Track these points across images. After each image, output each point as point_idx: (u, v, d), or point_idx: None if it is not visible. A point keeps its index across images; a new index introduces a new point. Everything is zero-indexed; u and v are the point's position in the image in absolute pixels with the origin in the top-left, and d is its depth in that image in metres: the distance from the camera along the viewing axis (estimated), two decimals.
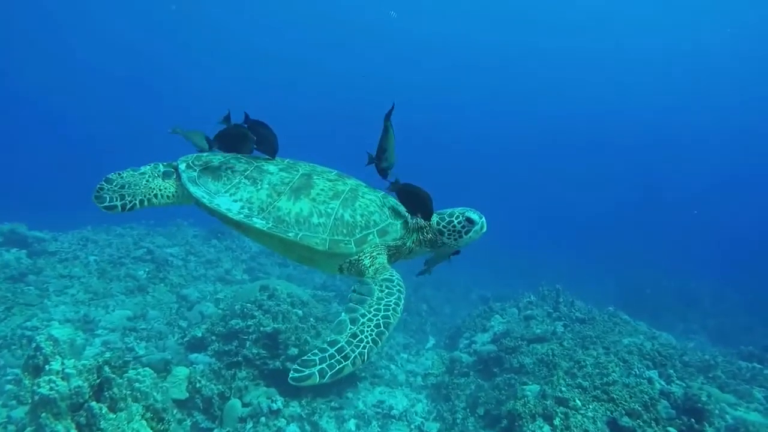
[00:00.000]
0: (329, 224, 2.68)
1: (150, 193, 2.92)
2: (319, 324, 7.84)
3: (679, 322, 16.21)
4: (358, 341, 2.33)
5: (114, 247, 11.48)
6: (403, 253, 2.99)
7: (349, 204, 2.77)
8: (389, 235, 2.81)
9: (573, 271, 20.44)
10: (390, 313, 2.48)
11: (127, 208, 2.84)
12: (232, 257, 13.26)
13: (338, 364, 2.23)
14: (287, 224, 2.65)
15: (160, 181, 2.98)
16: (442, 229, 2.92)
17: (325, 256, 2.74)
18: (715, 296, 18.41)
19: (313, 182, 2.84)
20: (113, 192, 2.84)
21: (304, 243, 2.62)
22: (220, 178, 2.86)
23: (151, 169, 3.01)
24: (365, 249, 2.74)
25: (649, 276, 19.97)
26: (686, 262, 23.41)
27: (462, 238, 2.92)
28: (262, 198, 2.74)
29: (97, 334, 7.73)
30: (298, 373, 2.18)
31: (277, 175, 2.86)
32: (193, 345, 7.27)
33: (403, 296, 2.61)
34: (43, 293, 8.54)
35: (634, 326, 9.71)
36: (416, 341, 12.81)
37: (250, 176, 2.85)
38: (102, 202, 2.80)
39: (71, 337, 4.86)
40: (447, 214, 2.93)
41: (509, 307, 10.50)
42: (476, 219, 2.89)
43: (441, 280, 19.37)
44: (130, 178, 2.93)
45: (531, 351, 7.75)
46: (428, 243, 3.00)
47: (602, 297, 15.55)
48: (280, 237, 2.64)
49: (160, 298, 9.78)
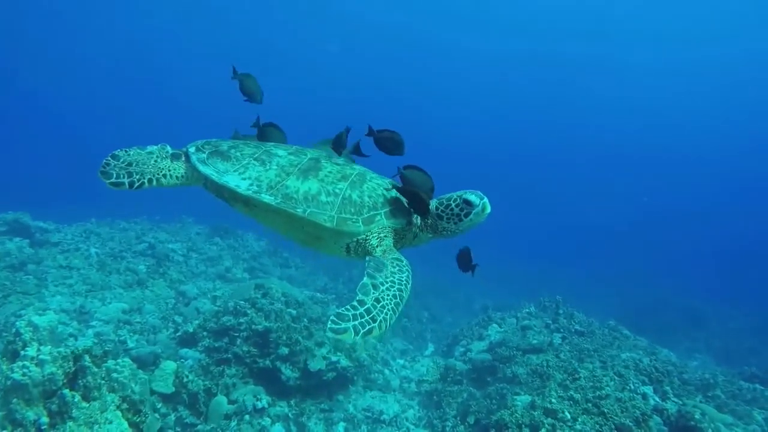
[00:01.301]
0: (337, 203, 2.68)
1: (159, 173, 2.93)
2: (313, 325, 7.78)
3: (684, 340, 15.96)
4: (381, 306, 2.36)
5: (116, 241, 11.54)
6: (408, 239, 2.97)
7: (357, 186, 2.77)
8: (396, 219, 2.79)
9: (579, 284, 20.24)
10: (403, 288, 2.52)
11: (135, 186, 2.83)
12: (233, 256, 13.28)
13: (368, 324, 2.27)
14: (296, 201, 2.65)
15: (169, 162, 2.99)
16: (440, 213, 2.81)
17: (332, 234, 2.72)
18: (721, 316, 18.10)
19: (322, 165, 2.85)
20: (120, 169, 2.84)
21: (312, 219, 2.61)
22: (229, 159, 2.87)
23: (158, 149, 3.02)
24: (373, 229, 2.72)
25: (656, 293, 19.73)
26: (694, 281, 23.11)
27: (462, 221, 2.78)
28: (271, 177, 2.75)
29: (92, 325, 7.74)
30: (336, 325, 2.21)
31: (285, 158, 2.88)
32: (184, 340, 7.25)
33: (411, 278, 2.62)
34: (42, 283, 8.58)
35: (634, 341, 9.55)
36: (415, 348, 12.72)
37: (259, 158, 2.88)
38: (108, 178, 2.78)
39: (52, 325, 4.83)
40: (446, 198, 2.83)
41: (509, 317, 10.37)
42: (475, 201, 2.73)
43: (445, 289, 19.28)
44: (137, 156, 2.93)
45: (525, 361, 7.64)
46: (431, 229, 2.92)
47: (607, 312, 15.33)
48: (288, 212, 2.63)
49: (159, 293, 9.79)
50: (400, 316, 10.86)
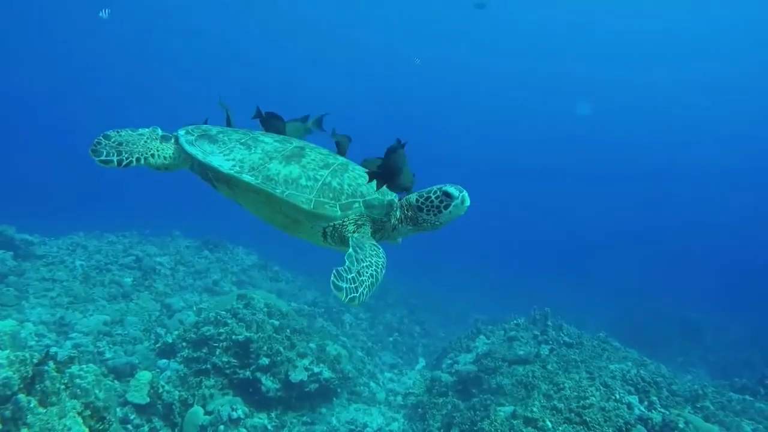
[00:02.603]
0: (316, 187, 2.74)
1: (147, 152, 3.02)
2: (295, 336, 7.67)
3: (679, 355, 15.83)
4: (360, 281, 2.45)
5: (103, 254, 11.43)
6: (387, 230, 3.01)
7: (338, 174, 2.84)
8: (375, 209, 2.85)
9: (574, 298, 20.16)
10: (379, 271, 2.60)
11: (123, 164, 2.92)
12: (222, 269, 13.18)
13: (353, 292, 2.37)
14: (275, 182, 2.72)
15: (158, 143, 3.09)
16: (420, 205, 2.83)
17: (309, 217, 2.78)
18: (717, 329, 17.94)
19: (306, 153, 2.93)
20: (110, 148, 2.94)
21: (290, 201, 2.68)
22: (216, 142, 2.97)
23: (150, 132, 3.14)
24: (350, 215, 2.79)
25: (652, 306, 19.62)
26: (689, 294, 22.99)
27: (442, 213, 2.80)
28: (254, 160, 2.83)
29: (71, 337, 7.62)
30: (338, 281, 2.35)
31: (271, 145, 2.97)
32: (163, 351, 7.13)
33: (385, 266, 2.68)
34: (22, 294, 8.47)
35: (624, 353, 9.41)
36: (405, 362, 12.58)
37: (245, 143, 2.96)
38: (98, 156, 2.88)
39: (14, 330, 4.74)
40: (426, 191, 2.86)
41: (498, 329, 10.27)
42: (454, 193, 2.75)
43: (438, 304, 19.18)
44: (128, 136, 3.05)
45: (511, 372, 7.54)
46: (411, 221, 2.94)
47: (603, 325, 15.22)
48: (267, 192, 2.70)
49: (144, 306, 9.68)
50: (390, 329, 10.74)
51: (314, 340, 7.97)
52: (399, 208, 2.97)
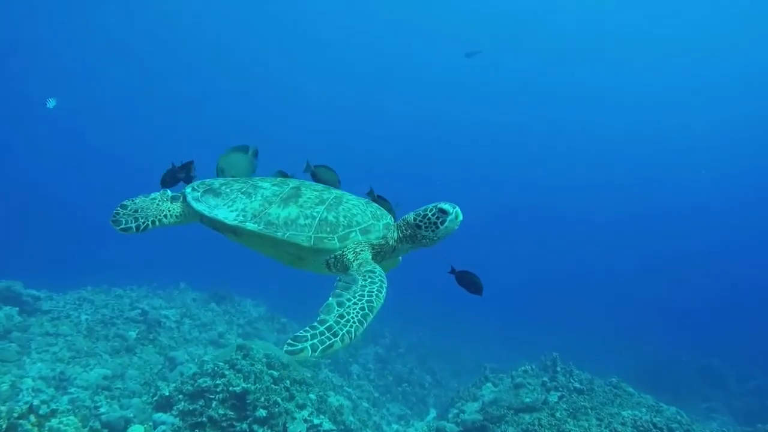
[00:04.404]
0: (314, 224, 2.97)
1: (160, 214, 3.35)
2: (295, 386, 7.53)
3: (701, 401, 15.21)
4: (345, 321, 2.49)
5: (109, 308, 11.48)
6: (387, 251, 3.23)
7: (333, 208, 3.08)
8: (371, 234, 3.07)
9: (588, 344, 19.60)
10: (373, 297, 2.66)
11: (140, 229, 3.25)
12: (228, 321, 13.16)
13: (328, 340, 2.37)
14: (276, 226, 2.97)
15: (169, 204, 3.43)
16: (418, 223, 3.10)
17: (311, 252, 3.02)
18: (740, 375, 17.24)
19: (301, 192, 3.19)
20: (128, 216, 3.28)
21: (291, 240, 2.93)
22: (220, 195, 3.26)
23: (160, 195, 3.49)
24: (348, 245, 3.00)
25: (669, 352, 19.05)
26: (709, 339, 22.23)
27: (439, 229, 3.07)
28: (255, 207, 3.10)
29: (69, 392, 7.57)
30: (292, 347, 2.30)
31: (269, 190, 3.24)
32: (160, 404, 7.02)
33: (385, 286, 2.79)
34: (24, 350, 8.48)
35: (637, 399, 9.04)
36: (414, 413, 12.25)
37: (246, 192, 3.24)
38: (118, 225, 3.22)
39: None
40: (422, 209, 3.14)
41: (506, 376, 10.00)
42: (449, 209, 3.04)
43: (451, 354, 18.79)
44: (141, 203, 3.39)
45: (517, 420, 7.28)
46: (409, 239, 3.19)
47: (618, 372, 14.77)
48: (270, 237, 2.96)
49: (147, 359, 9.64)
50: (400, 379, 10.50)
51: (315, 391, 7.82)
52: (397, 228, 3.22)
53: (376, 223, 3.12)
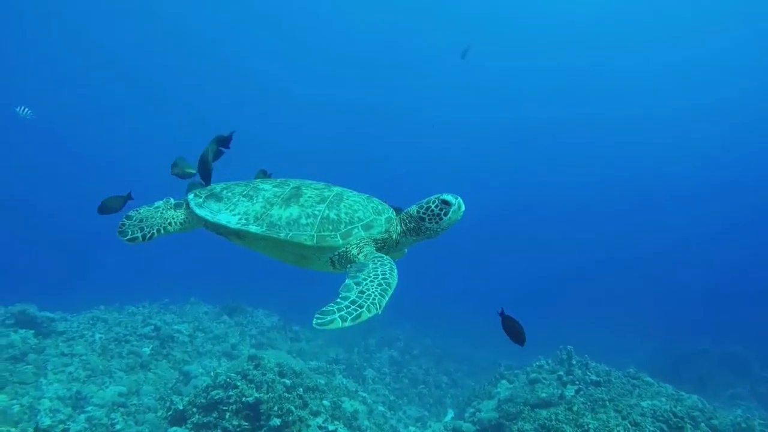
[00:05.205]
0: (316, 223, 2.99)
1: (165, 222, 3.37)
2: (308, 394, 7.51)
3: (725, 388, 14.93)
4: (366, 296, 2.53)
5: (123, 326, 11.54)
6: (390, 245, 3.23)
7: (334, 206, 3.09)
8: (374, 229, 3.07)
9: (605, 336, 19.39)
10: (388, 275, 2.70)
11: (146, 238, 3.26)
12: (240, 332, 13.18)
13: (355, 311, 2.42)
14: (279, 227, 2.99)
15: (172, 212, 3.46)
16: (422, 215, 3.10)
17: (314, 251, 3.03)
18: (765, 361, 16.89)
19: (302, 192, 3.20)
20: (133, 226, 3.30)
21: (294, 240, 2.94)
22: (222, 200, 3.29)
23: (163, 203, 3.52)
24: (351, 241, 2.99)
25: (691, 342, 18.74)
26: (732, 326, 21.85)
27: (442, 220, 3.07)
28: (257, 209, 3.12)
29: (86, 410, 7.61)
30: (321, 320, 2.34)
31: (270, 191, 3.25)
32: (175, 419, 7.03)
33: (395, 267, 2.81)
34: (40, 371, 8.55)
35: (657, 388, 8.91)
36: (431, 414, 12.18)
37: (247, 195, 3.27)
38: (125, 236, 3.23)
39: (4, 405, 4.75)
40: (425, 201, 3.13)
41: (521, 372, 9.90)
42: (451, 200, 3.04)
43: (466, 354, 18.64)
44: (146, 213, 3.42)
45: (534, 416, 7.17)
46: (413, 232, 3.19)
47: (637, 363, 14.59)
48: (273, 238, 2.97)
49: (162, 375, 9.68)
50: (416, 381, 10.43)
51: (329, 397, 7.79)
52: (399, 222, 3.23)
53: (378, 217, 3.12)
